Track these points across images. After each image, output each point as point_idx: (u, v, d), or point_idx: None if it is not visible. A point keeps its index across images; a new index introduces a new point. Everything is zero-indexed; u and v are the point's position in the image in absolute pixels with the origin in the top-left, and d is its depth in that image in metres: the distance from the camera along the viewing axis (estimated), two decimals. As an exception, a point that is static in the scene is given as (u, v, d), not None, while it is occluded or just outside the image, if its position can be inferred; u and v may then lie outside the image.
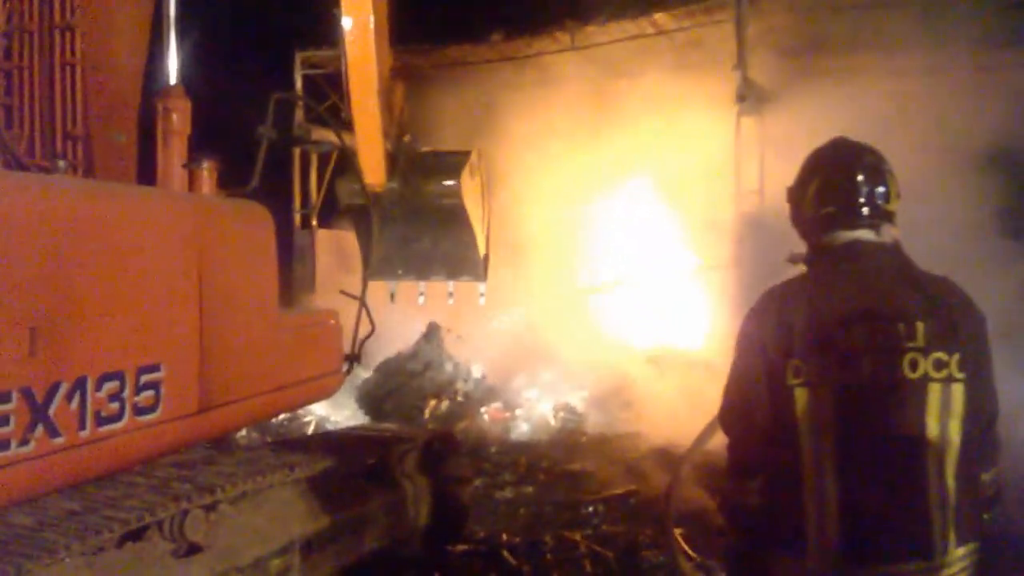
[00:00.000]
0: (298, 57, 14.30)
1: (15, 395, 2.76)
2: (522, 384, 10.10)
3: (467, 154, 8.50)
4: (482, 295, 8.47)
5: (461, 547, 5.56)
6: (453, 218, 8.26)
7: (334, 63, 14.89)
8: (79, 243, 3.11)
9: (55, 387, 2.90)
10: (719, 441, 2.76)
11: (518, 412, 9.56)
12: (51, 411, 2.88)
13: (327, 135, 13.64)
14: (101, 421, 3.08)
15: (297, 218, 15.26)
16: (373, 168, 8.20)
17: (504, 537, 5.93)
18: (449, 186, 8.17)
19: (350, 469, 4.64)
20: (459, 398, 9.35)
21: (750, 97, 10.76)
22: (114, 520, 3.05)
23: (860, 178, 2.42)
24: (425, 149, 8.71)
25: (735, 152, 10.91)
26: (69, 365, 2.97)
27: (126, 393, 3.17)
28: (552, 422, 9.32)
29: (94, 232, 3.20)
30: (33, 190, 3.17)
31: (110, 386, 3.10)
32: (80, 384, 2.99)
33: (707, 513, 5.20)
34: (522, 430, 9.24)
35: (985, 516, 2.43)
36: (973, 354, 2.30)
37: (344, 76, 7.31)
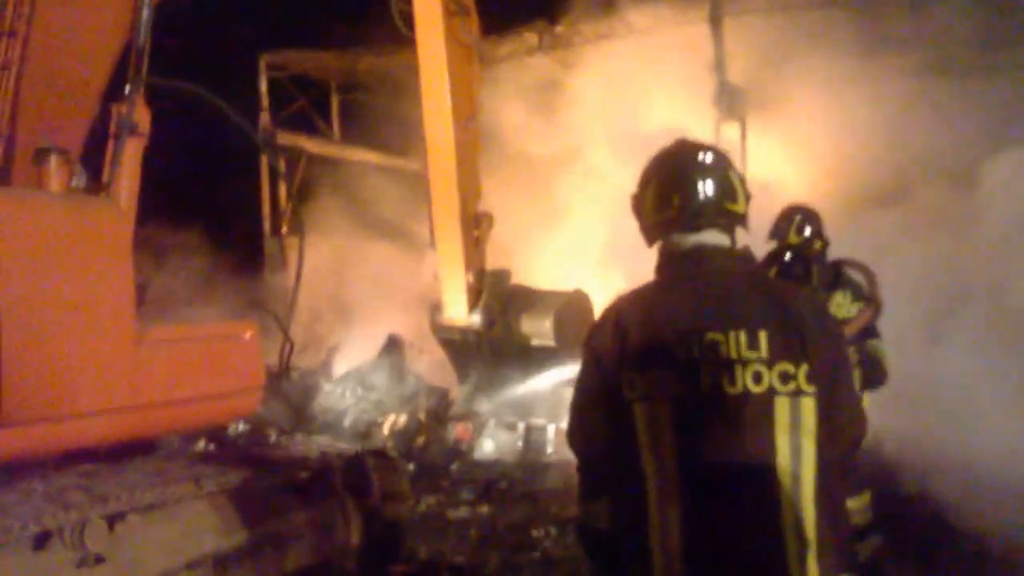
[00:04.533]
0: (262, 60, 14.49)
1: None
2: (489, 403, 10.20)
3: (566, 294, 8.75)
4: None
5: (398, 567, 5.68)
6: (550, 362, 8.40)
7: (299, 64, 15.24)
8: None
9: None
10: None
11: (485, 431, 9.64)
12: None
13: (296, 139, 13.93)
14: None
15: (266, 224, 15.43)
16: (454, 300, 8.40)
17: (448, 557, 6.06)
18: (542, 327, 8.38)
19: (273, 483, 4.77)
20: (420, 414, 9.47)
21: (727, 100, 10.94)
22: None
23: (698, 178, 2.39)
24: (517, 283, 8.84)
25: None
26: None
27: None
28: (519, 443, 9.40)
29: None
30: None
31: None
32: None
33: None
34: (487, 450, 9.33)
35: (861, 546, 2.44)
36: (825, 367, 2.23)
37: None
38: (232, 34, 14.66)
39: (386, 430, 9.28)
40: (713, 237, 2.40)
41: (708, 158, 2.44)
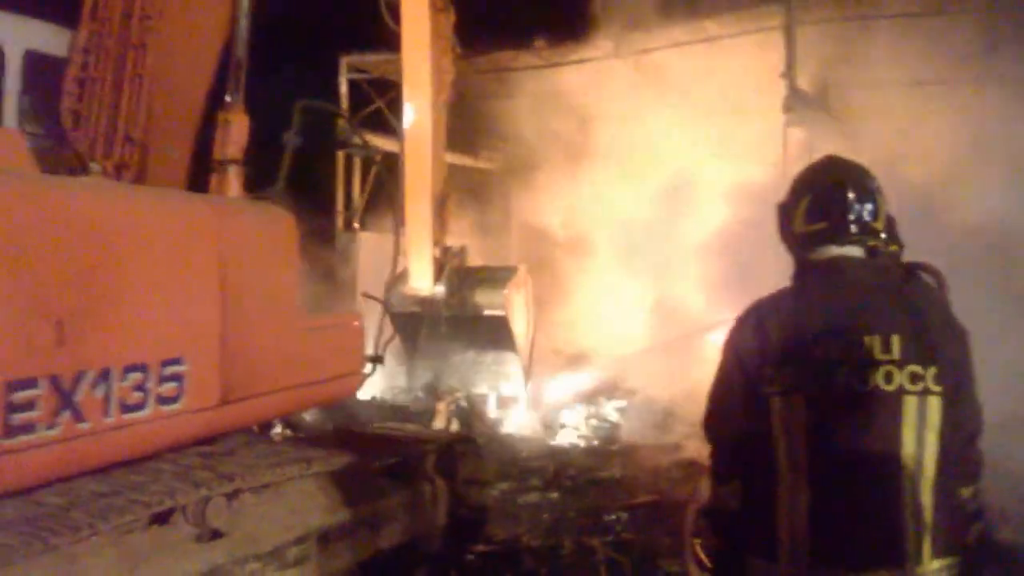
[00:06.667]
0: (343, 61, 14.66)
1: (42, 382, 3.03)
2: (557, 391, 10.30)
3: (514, 270, 9.33)
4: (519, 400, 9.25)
5: (480, 548, 5.80)
6: (497, 331, 8.98)
7: (380, 68, 15.41)
8: (106, 242, 3.39)
9: (80, 376, 3.17)
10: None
11: (553, 419, 9.73)
12: (77, 398, 3.15)
13: (372, 138, 14.09)
14: (126, 409, 3.35)
15: (340, 220, 15.64)
16: (421, 272, 8.87)
17: (524, 540, 6.16)
18: (495, 299, 8.97)
19: (371, 466, 4.91)
20: (457, 394, 9.62)
21: (798, 106, 10.81)
22: (138, 503, 3.35)
23: (851, 195, 2.53)
24: (473, 264, 9.47)
25: (783, 164, 10.95)
26: (95, 355, 3.24)
27: (150, 384, 3.44)
28: (584, 430, 9.48)
29: (120, 231, 3.48)
30: (61, 192, 3.45)
31: (135, 376, 3.38)
32: (105, 373, 3.26)
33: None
34: (555, 437, 9.42)
35: (969, 531, 2.49)
36: (952, 369, 2.38)
37: (400, 183, 8.01)
38: (314, 35, 14.92)
39: (443, 416, 9.37)
40: (853, 250, 2.55)
41: (860, 177, 2.59)
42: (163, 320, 3.59)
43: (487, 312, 9.09)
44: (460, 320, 9.21)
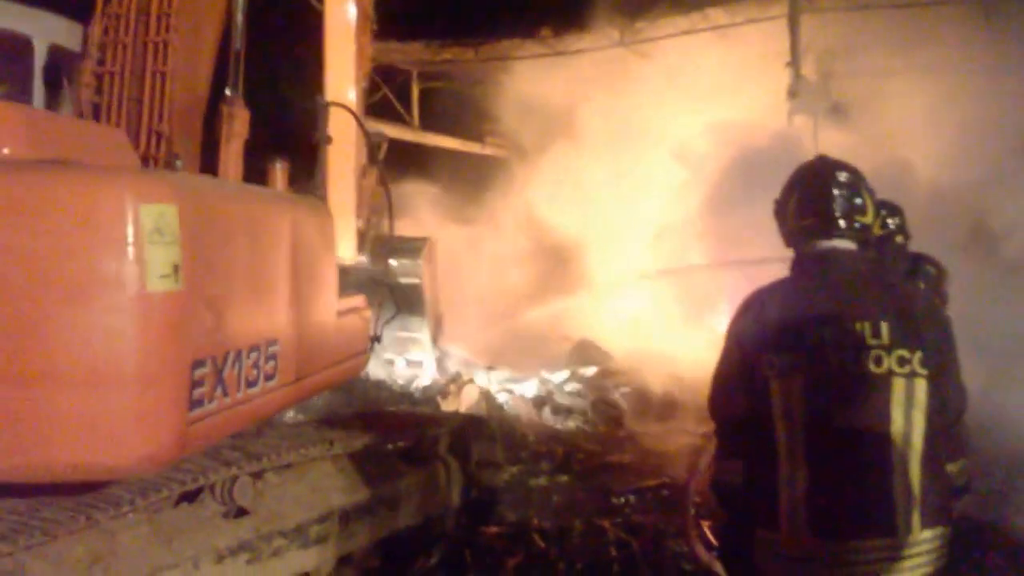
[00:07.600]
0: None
1: (207, 361, 3.33)
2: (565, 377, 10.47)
3: (425, 240, 9.80)
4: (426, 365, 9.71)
5: (492, 529, 5.96)
6: (409, 298, 9.24)
7: (387, 55, 15.56)
8: (241, 234, 3.74)
9: (227, 355, 3.49)
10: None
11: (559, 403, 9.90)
12: (224, 375, 3.46)
13: (378, 126, 14.24)
14: (248, 384, 3.69)
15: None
16: (344, 242, 9.26)
17: (535, 521, 6.29)
18: (411, 266, 9.51)
19: (388, 447, 5.08)
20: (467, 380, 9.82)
21: (802, 94, 10.91)
22: (173, 480, 3.52)
23: (835, 192, 2.75)
24: (386, 233, 9.61)
25: (788, 152, 11.06)
26: (235, 338, 3.58)
27: (260, 363, 3.78)
28: (591, 414, 9.64)
29: (248, 225, 3.84)
30: (223, 192, 3.93)
31: (254, 356, 3.71)
32: (239, 354, 3.59)
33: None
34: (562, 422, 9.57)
35: (954, 504, 2.69)
36: (936, 353, 2.61)
37: (321, 154, 8.30)
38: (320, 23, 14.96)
39: (459, 400, 9.52)
40: (843, 243, 2.76)
41: (845, 177, 2.79)
42: (268, 304, 3.94)
43: (403, 280, 9.43)
44: (375, 285, 9.57)
